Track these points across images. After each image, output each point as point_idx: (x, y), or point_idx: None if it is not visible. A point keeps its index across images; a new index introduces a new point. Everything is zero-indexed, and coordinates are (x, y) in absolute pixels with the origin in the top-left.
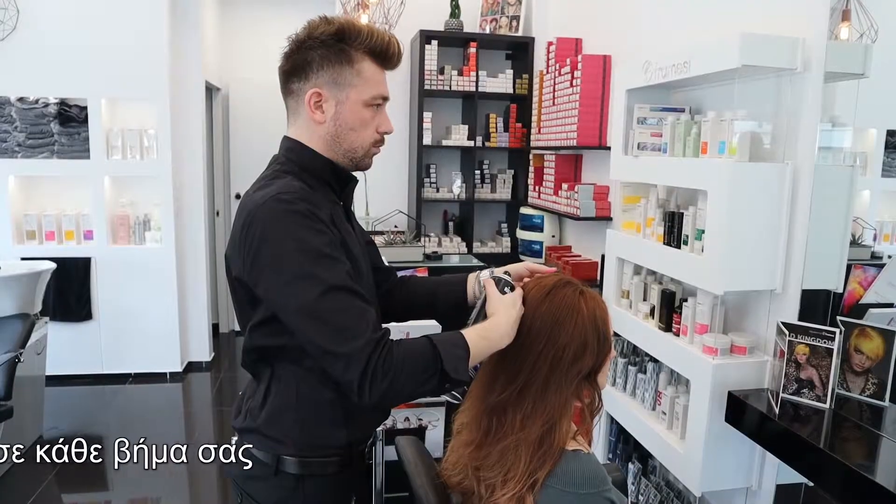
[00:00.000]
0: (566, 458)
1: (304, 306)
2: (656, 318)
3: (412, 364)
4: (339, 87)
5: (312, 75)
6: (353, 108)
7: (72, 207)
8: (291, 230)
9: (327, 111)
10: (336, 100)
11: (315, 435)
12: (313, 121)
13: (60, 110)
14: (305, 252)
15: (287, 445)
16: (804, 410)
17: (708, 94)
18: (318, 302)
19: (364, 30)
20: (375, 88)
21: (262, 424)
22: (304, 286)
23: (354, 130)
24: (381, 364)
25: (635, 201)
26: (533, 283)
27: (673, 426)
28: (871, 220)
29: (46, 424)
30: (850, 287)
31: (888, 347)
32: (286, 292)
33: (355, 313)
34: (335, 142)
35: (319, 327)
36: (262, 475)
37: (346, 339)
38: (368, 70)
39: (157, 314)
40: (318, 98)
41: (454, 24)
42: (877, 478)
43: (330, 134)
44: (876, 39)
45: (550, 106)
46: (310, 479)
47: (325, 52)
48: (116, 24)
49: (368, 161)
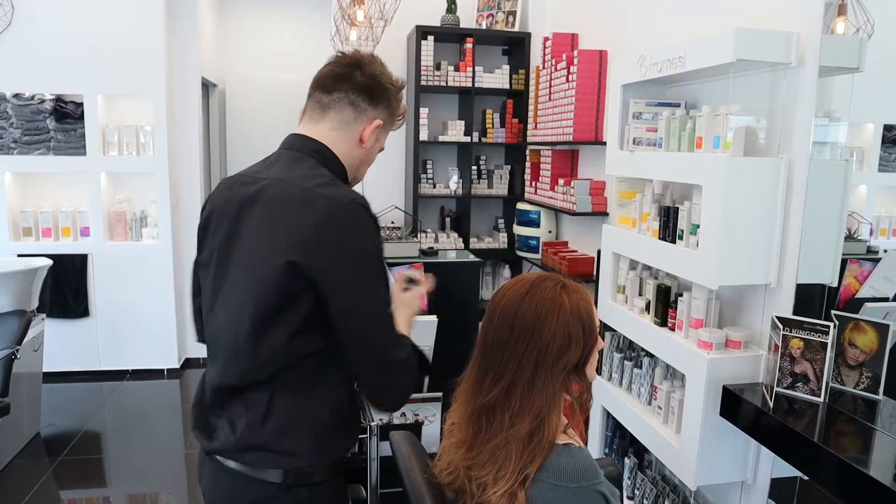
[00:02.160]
0: (557, 452)
1: (379, 309)
2: (652, 312)
3: (416, 374)
4: (384, 129)
5: (380, 107)
6: (377, 149)
7: (68, 204)
8: (371, 236)
9: (369, 140)
10: (377, 137)
11: (328, 444)
12: (359, 140)
13: (56, 106)
14: (381, 259)
15: (300, 457)
16: (798, 404)
17: (703, 88)
18: (388, 314)
19: (402, 96)
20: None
21: (268, 439)
22: (380, 290)
23: (367, 165)
24: (407, 376)
25: (631, 196)
26: (513, 281)
27: (668, 421)
28: (867, 214)
29: (44, 421)
30: (846, 281)
31: (882, 341)
32: (364, 293)
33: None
34: (357, 166)
35: (389, 331)
36: (268, 496)
37: (400, 347)
38: (391, 126)
39: (154, 310)
40: (378, 128)
41: (450, 19)
42: (870, 471)
43: (359, 159)
44: (872, 34)
45: (547, 101)
46: (321, 484)
47: (391, 98)
48: (112, 20)
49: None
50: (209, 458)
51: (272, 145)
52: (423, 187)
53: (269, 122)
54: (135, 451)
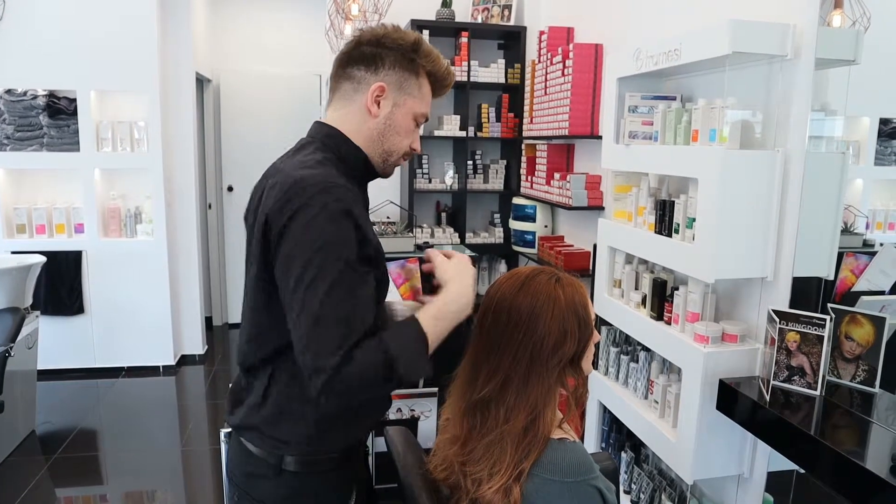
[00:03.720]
0: (552, 446)
1: (302, 304)
2: (648, 306)
3: (369, 379)
4: (401, 91)
5: (382, 71)
6: (405, 115)
7: (62, 200)
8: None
9: (383, 108)
10: (394, 101)
11: (320, 438)
12: (367, 111)
13: (49, 102)
14: (329, 252)
15: (290, 447)
16: (795, 398)
17: (699, 81)
18: (320, 301)
19: (433, 53)
20: (425, 106)
21: (262, 423)
22: (312, 282)
23: (399, 135)
24: (338, 382)
25: (627, 190)
26: (507, 276)
27: (665, 415)
28: (863, 208)
29: (39, 419)
30: (843, 275)
31: (878, 334)
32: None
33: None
34: (379, 138)
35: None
36: (263, 474)
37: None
38: (426, 89)
39: (149, 307)
40: (381, 92)
41: (446, 13)
42: (867, 464)
43: (377, 130)
44: (868, 27)
45: (542, 95)
46: (313, 475)
47: (399, 57)
48: (105, 15)
49: (392, 169)
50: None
51: (267, 140)
52: (418, 182)
53: (265, 116)
54: (131, 448)
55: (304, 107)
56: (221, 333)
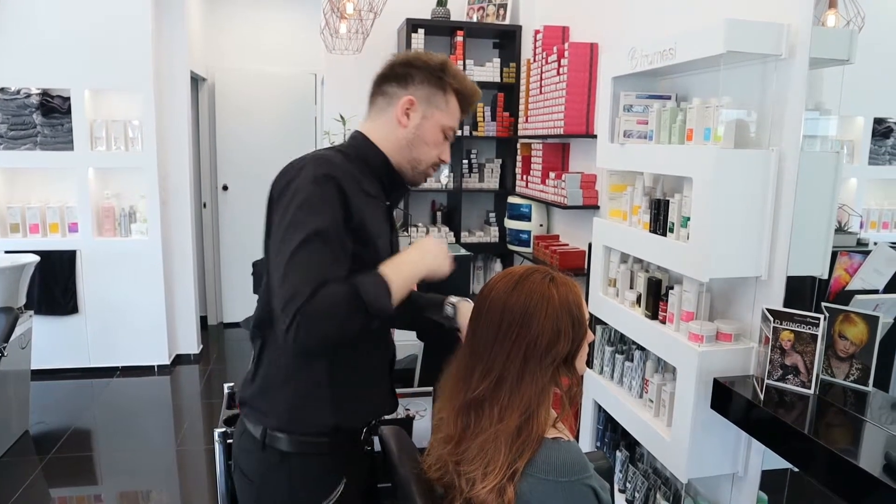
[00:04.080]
0: (546, 446)
1: (283, 245)
2: (643, 306)
3: (337, 306)
4: (429, 105)
5: (412, 86)
6: (433, 127)
7: (56, 200)
8: (308, 184)
9: (412, 119)
10: (423, 114)
11: (301, 413)
12: (397, 122)
13: (43, 101)
14: (311, 206)
15: (272, 419)
16: (789, 396)
17: (694, 81)
18: (293, 250)
19: (460, 72)
20: (453, 120)
21: (250, 396)
22: (291, 231)
23: (427, 145)
24: (306, 311)
25: (622, 189)
26: (501, 275)
27: (660, 413)
28: (857, 207)
29: (33, 419)
30: (837, 274)
31: (872, 333)
32: (281, 229)
33: (313, 265)
34: (408, 147)
35: (288, 270)
36: (251, 448)
37: (289, 284)
38: (453, 104)
39: (144, 307)
40: (409, 105)
41: (441, 12)
42: (860, 463)
43: (406, 139)
44: (862, 27)
45: (537, 94)
46: (296, 456)
47: (427, 75)
48: (100, 14)
49: (422, 178)
50: None
51: (263, 139)
52: None
53: (260, 116)
54: (125, 448)
55: (300, 106)
56: (216, 333)
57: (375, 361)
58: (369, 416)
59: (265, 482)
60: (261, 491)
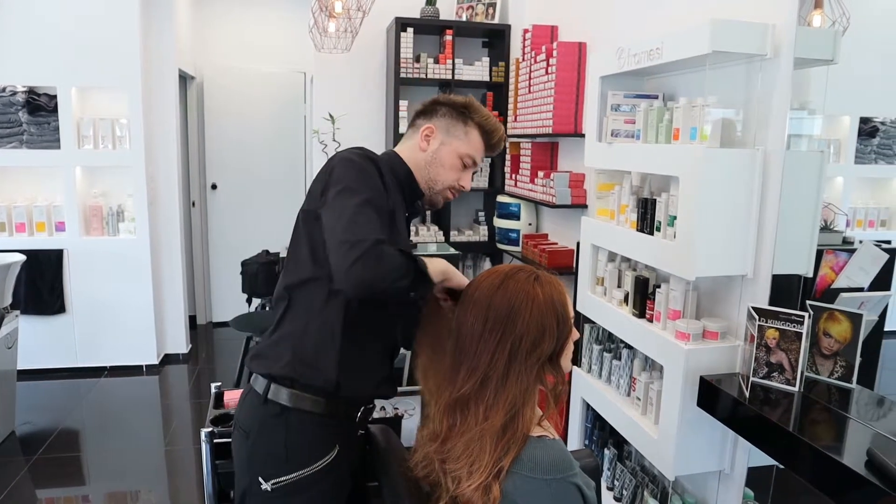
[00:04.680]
0: (531, 444)
1: (338, 202)
2: (630, 304)
3: (394, 261)
4: (448, 133)
5: (434, 118)
6: (450, 153)
7: (43, 198)
8: (351, 157)
9: (431, 145)
10: (441, 141)
11: (308, 359)
12: (418, 146)
13: (29, 99)
14: (359, 174)
15: (280, 364)
16: (774, 394)
17: (681, 80)
18: (354, 207)
19: (483, 110)
20: (472, 150)
21: (264, 346)
22: (348, 195)
23: (443, 167)
24: (374, 252)
25: (609, 188)
26: (486, 273)
27: (647, 411)
28: (844, 206)
29: (19, 419)
30: (823, 272)
31: (855, 330)
32: (331, 194)
33: (373, 225)
34: (426, 168)
35: (345, 219)
36: (254, 403)
37: (356, 232)
38: (474, 137)
39: (132, 306)
40: (429, 132)
41: (430, 11)
42: (844, 459)
43: (425, 161)
44: (847, 27)
45: (526, 94)
46: (295, 412)
47: (450, 109)
48: (86, 11)
49: (439, 199)
50: None
51: (252, 138)
52: None
53: (249, 114)
54: (114, 448)
55: (289, 105)
56: (206, 332)
57: (382, 342)
58: (368, 389)
59: (261, 434)
60: (256, 443)
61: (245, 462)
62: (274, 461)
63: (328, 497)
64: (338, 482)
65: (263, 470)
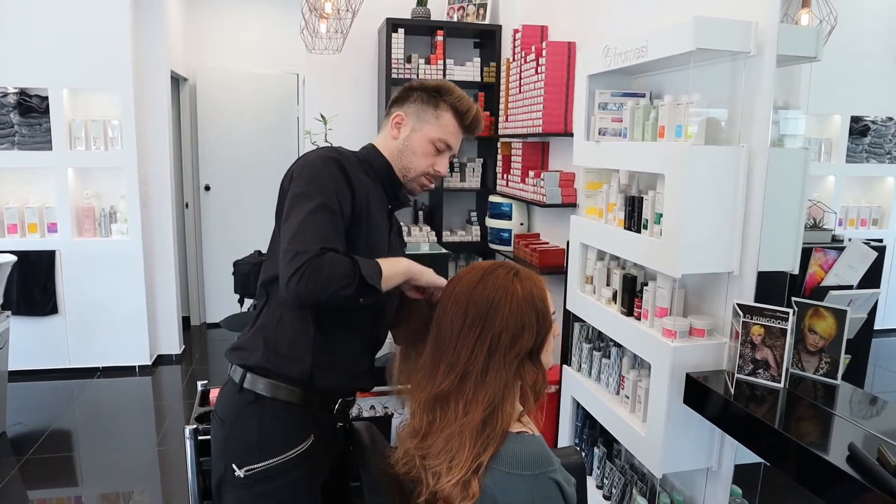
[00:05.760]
0: (510, 440)
1: (294, 211)
2: (618, 302)
3: (336, 271)
4: (419, 119)
5: (406, 105)
6: (421, 139)
7: (35, 200)
8: (315, 167)
9: (402, 132)
10: (412, 127)
11: (282, 350)
12: (390, 135)
13: (20, 100)
14: (318, 180)
15: (255, 355)
16: (759, 391)
17: (667, 78)
18: (303, 215)
19: (457, 92)
20: (444, 134)
21: (243, 339)
22: (300, 201)
23: (415, 154)
24: (312, 265)
25: (598, 187)
26: (466, 270)
27: (635, 409)
28: (835, 205)
29: (10, 420)
30: (812, 270)
31: (840, 327)
32: (293, 198)
33: (322, 232)
34: (398, 156)
35: (297, 229)
36: (230, 391)
37: (299, 241)
38: (446, 120)
39: (124, 307)
40: (399, 119)
41: (421, 12)
42: (828, 456)
43: (397, 149)
44: (835, 26)
45: (517, 94)
46: (270, 400)
47: (421, 95)
48: (78, 12)
49: (415, 186)
50: None
51: (245, 139)
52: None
53: (242, 116)
54: (106, 449)
55: (282, 106)
56: (199, 333)
57: (360, 335)
58: (344, 381)
59: (237, 421)
60: (231, 430)
61: (220, 449)
62: (247, 448)
63: (302, 486)
64: (312, 472)
65: (237, 457)
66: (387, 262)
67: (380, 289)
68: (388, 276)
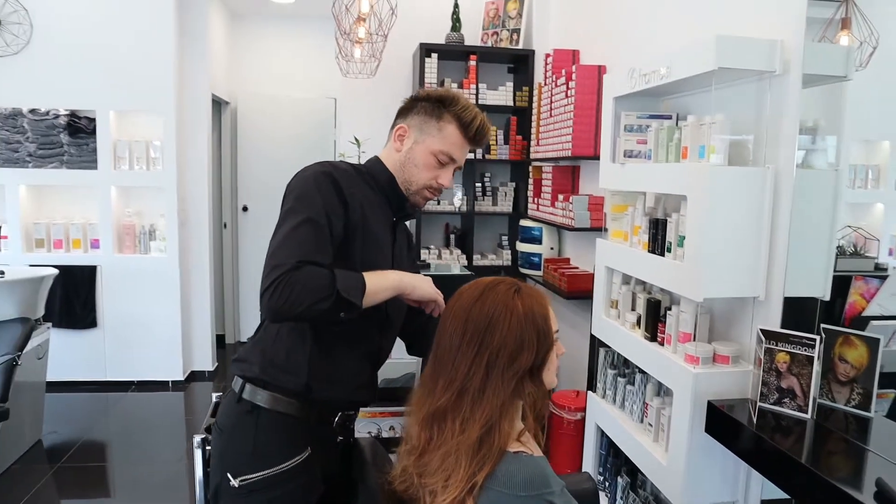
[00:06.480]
0: (507, 459)
1: (281, 227)
2: (642, 327)
3: (313, 285)
4: (421, 132)
5: (409, 117)
6: (424, 152)
7: (79, 216)
8: (307, 182)
9: (405, 144)
10: (415, 140)
11: (279, 362)
12: (393, 147)
13: (70, 122)
14: (308, 195)
15: (253, 366)
16: (785, 421)
17: (693, 100)
18: (287, 230)
19: (462, 101)
20: (447, 146)
21: (243, 351)
22: (288, 216)
23: (417, 167)
24: (286, 279)
25: (623, 210)
26: (468, 286)
27: (658, 438)
28: (884, 233)
29: (46, 429)
30: (852, 299)
31: (873, 356)
32: (281, 214)
33: (305, 247)
34: (401, 168)
35: (279, 243)
36: (229, 402)
37: (278, 256)
38: (449, 131)
39: (160, 323)
40: (402, 132)
41: (455, 37)
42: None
43: (400, 161)
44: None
45: (548, 117)
46: (266, 411)
47: (426, 105)
48: (124, 39)
49: (418, 199)
50: None
51: (283, 162)
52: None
53: (281, 139)
54: (137, 461)
55: (319, 129)
56: (233, 351)
57: (360, 348)
58: (342, 393)
59: (234, 430)
60: (228, 440)
61: (218, 458)
62: (243, 458)
63: (296, 498)
64: (307, 484)
65: (233, 466)
66: (373, 276)
67: (358, 304)
68: (373, 290)
